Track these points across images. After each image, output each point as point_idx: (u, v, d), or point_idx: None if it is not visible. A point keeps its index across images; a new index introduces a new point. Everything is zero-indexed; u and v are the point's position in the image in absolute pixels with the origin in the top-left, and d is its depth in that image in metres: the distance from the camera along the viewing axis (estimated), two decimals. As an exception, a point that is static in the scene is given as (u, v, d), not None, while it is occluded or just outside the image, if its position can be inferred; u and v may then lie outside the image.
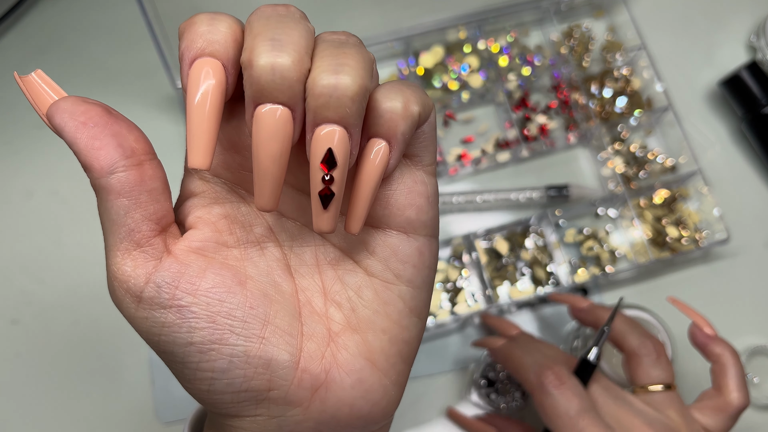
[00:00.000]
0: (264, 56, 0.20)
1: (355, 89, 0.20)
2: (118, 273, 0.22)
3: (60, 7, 0.61)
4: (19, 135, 0.58)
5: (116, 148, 0.21)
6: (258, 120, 0.21)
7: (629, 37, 0.59)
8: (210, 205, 0.24)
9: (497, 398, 0.50)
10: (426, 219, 0.24)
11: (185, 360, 0.22)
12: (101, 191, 0.22)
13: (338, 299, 0.24)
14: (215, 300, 0.22)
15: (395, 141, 0.22)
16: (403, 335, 0.24)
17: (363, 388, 0.24)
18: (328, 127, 0.21)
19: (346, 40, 0.22)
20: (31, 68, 0.63)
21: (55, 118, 0.21)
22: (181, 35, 0.21)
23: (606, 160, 0.56)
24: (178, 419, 0.51)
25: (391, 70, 0.59)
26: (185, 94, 0.21)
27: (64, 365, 0.52)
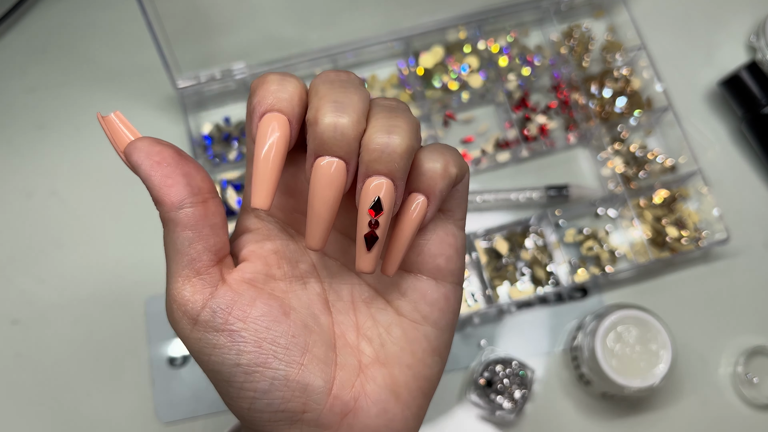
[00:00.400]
0: (328, 116, 0.23)
1: (404, 148, 0.23)
2: (177, 297, 0.25)
3: (61, 7, 0.61)
4: (19, 135, 0.58)
5: (185, 187, 0.24)
6: (317, 170, 0.23)
7: (629, 37, 0.59)
8: (262, 241, 0.27)
9: (496, 398, 0.50)
10: (454, 268, 0.27)
11: (231, 379, 0.24)
12: (169, 223, 0.24)
13: (369, 335, 0.27)
14: (263, 327, 0.25)
15: (433, 197, 0.25)
16: (425, 372, 0.27)
17: (386, 417, 0.26)
18: (378, 179, 0.23)
19: (397, 105, 0.25)
20: (31, 68, 0.63)
21: (132, 156, 0.24)
22: (253, 91, 0.24)
23: (606, 160, 0.56)
24: (178, 419, 0.51)
25: (391, 70, 0.59)
26: (254, 143, 0.24)
27: (65, 365, 0.52)
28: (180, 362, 0.52)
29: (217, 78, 0.56)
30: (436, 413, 0.51)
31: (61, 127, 0.58)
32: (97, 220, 0.55)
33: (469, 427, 0.51)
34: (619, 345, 0.47)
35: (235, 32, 0.54)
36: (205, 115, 0.58)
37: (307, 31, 0.56)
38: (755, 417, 0.51)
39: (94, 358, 0.52)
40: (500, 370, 0.50)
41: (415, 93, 0.58)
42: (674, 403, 0.51)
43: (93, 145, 0.57)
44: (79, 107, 0.58)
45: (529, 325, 0.53)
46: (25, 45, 0.60)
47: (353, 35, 0.57)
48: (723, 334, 0.53)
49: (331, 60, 0.57)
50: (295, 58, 0.56)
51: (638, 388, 0.46)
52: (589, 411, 0.51)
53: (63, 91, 0.59)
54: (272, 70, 0.56)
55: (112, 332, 0.53)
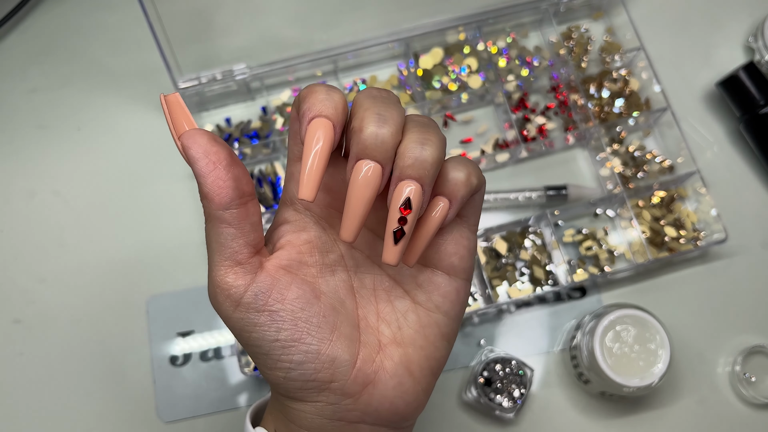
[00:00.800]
0: (372, 126, 0.26)
1: (434, 159, 0.27)
2: (221, 282, 0.28)
3: (62, 8, 0.61)
4: (21, 135, 0.58)
5: (234, 190, 0.27)
6: (357, 171, 0.26)
7: (628, 39, 0.60)
8: (298, 232, 0.30)
9: (496, 397, 0.50)
10: (465, 266, 0.31)
11: (270, 352, 0.28)
12: (215, 220, 0.27)
13: (388, 319, 0.31)
14: (298, 308, 0.28)
15: (455, 201, 0.28)
16: (435, 354, 0.31)
17: (401, 390, 0.30)
18: (409, 183, 0.27)
19: (429, 122, 0.28)
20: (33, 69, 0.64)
21: (190, 150, 0.26)
22: (302, 99, 0.27)
23: (604, 161, 0.56)
24: (179, 418, 0.51)
25: (391, 71, 0.60)
26: (303, 143, 0.27)
27: (66, 364, 0.52)
28: (181, 361, 0.52)
29: (218, 79, 0.56)
30: (436, 413, 0.51)
31: (63, 127, 0.58)
32: (98, 220, 0.56)
33: (468, 426, 0.51)
34: (618, 344, 0.48)
35: (235, 33, 0.55)
36: (206, 116, 0.58)
37: (307, 33, 0.56)
38: (753, 416, 0.52)
39: (95, 358, 0.52)
40: (499, 369, 0.50)
41: (415, 94, 0.58)
42: (672, 402, 0.52)
43: (94, 145, 0.58)
44: (80, 108, 0.59)
45: (528, 324, 0.53)
46: (27, 46, 0.60)
47: (353, 36, 0.57)
48: (721, 333, 0.54)
49: (332, 61, 0.58)
50: (296, 59, 0.56)
51: (637, 387, 0.47)
52: (588, 410, 0.52)
53: (64, 91, 0.59)
54: (273, 71, 0.57)
55: (114, 331, 0.53)
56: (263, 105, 0.59)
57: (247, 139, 0.57)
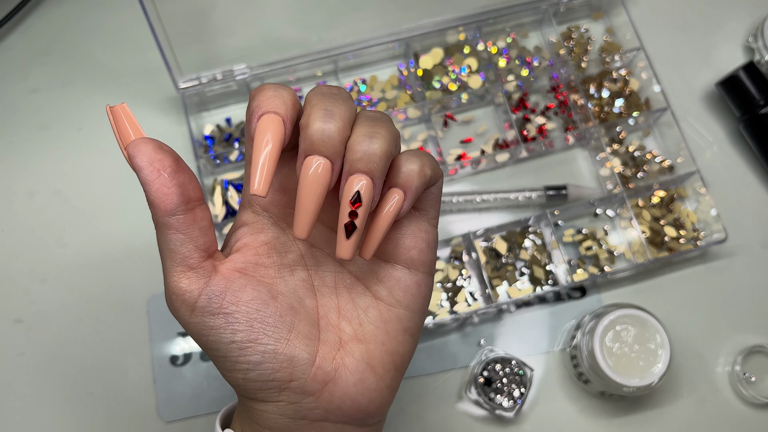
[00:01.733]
0: (318, 122, 0.26)
1: (383, 151, 0.27)
2: (175, 288, 0.28)
3: (63, 8, 0.61)
4: (22, 135, 0.58)
5: (179, 196, 0.27)
6: (305, 167, 0.27)
7: (627, 39, 0.60)
8: (256, 234, 0.30)
9: (496, 397, 0.50)
10: (425, 259, 0.31)
11: (227, 354, 0.28)
12: (162, 227, 0.27)
13: (349, 315, 0.31)
14: (253, 309, 0.28)
15: (409, 192, 0.28)
16: (398, 349, 0.31)
17: (363, 387, 0.30)
18: (359, 177, 0.27)
19: (381, 116, 0.28)
20: (34, 69, 0.64)
21: (135, 159, 0.26)
22: (252, 97, 0.27)
23: (604, 161, 0.57)
24: (179, 418, 0.51)
25: (391, 71, 0.60)
26: (252, 140, 0.27)
27: (67, 364, 0.52)
28: (182, 361, 0.52)
29: (219, 79, 0.56)
30: (436, 412, 0.51)
31: (64, 127, 0.58)
32: (99, 220, 0.56)
33: (468, 425, 0.51)
34: (618, 344, 0.48)
35: (236, 34, 0.55)
36: (206, 116, 0.59)
37: (307, 33, 0.57)
38: (753, 416, 0.52)
39: (96, 357, 0.52)
40: (499, 369, 0.50)
41: (415, 94, 0.58)
42: (672, 401, 0.52)
43: (95, 145, 0.58)
44: (81, 108, 0.59)
45: (528, 324, 0.54)
46: (28, 46, 0.60)
47: (353, 37, 0.57)
48: (721, 333, 0.54)
49: (332, 61, 0.58)
50: (296, 60, 0.57)
51: (636, 387, 0.47)
52: (588, 410, 0.52)
53: (66, 92, 0.59)
54: (273, 71, 0.57)
55: (114, 331, 0.53)
56: (263, 105, 0.59)
57: (248, 139, 0.57)
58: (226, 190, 0.56)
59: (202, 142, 0.57)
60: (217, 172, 0.57)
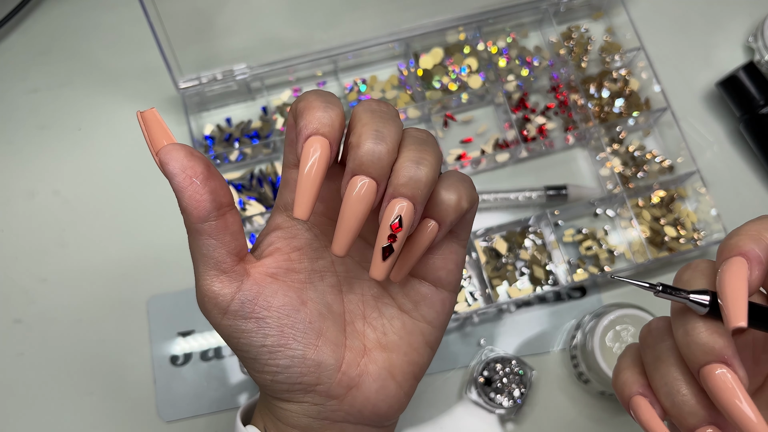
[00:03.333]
0: (369, 143, 0.26)
1: (428, 179, 0.27)
2: (208, 291, 0.28)
3: (63, 8, 0.61)
4: (21, 135, 0.58)
5: (212, 203, 0.27)
6: (351, 186, 0.27)
7: (628, 39, 0.60)
8: (289, 239, 0.31)
9: (496, 397, 0.50)
10: (453, 279, 0.32)
11: (257, 357, 0.29)
12: (195, 232, 0.28)
13: (374, 324, 0.32)
14: (284, 314, 0.29)
15: (444, 225, 0.29)
16: (418, 360, 0.32)
17: (384, 393, 0.31)
18: (402, 201, 0.27)
19: (427, 138, 0.28)
20: (33, 69, 0.64)
21: (167, 165, 0.26)
22: (300, 113, 0.27)
23: (604, 161, 0.57)
24: (180, 418, 0.51)
25: (391, 71, 0.60)
26: (300, 161, 0.27)
27: (67, 364, 0.52)
28: (182, 361, 0.52)
29: (219, 79, 0.56)
30: (437, 412, 0.51)
31: (64, 127, 0.58)
32: (99, 220, 0.56)
33: (468, 425, 0.51)
34: (618, 344, 0.48)
35: (236, 34, 0.55)
36: (206, 116, 0.59)
37: (307, 33, 0.57)
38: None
39: (96, 357, 0.52)
40: (499, 368, 0.50)
41: (415, 94, 0.58)
42: (672, 401, 0.52)
43: (95, 145, 0.58)
44: (81, 108, 0.59)
45: (528, 324, 0.54)
46: (28, 46, 0.60)
47: (354, 36, 0.57)
48: (721, 333, 0.54)
49: (332, 61, 0.58)
50: (296, 60, 0.57)
51: (636, 387, 0.47)
52: (588, 409, 0.52)
53: (65, 91, 0.59)
54: (273, 71, 0.57)
55: (114, 331, 0.53)
56: (264, 105, 0.59)
57: (248, 139, 0.57)
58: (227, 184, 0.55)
59: (202, 142, 0.57)
60: (217, 172, 0.57)
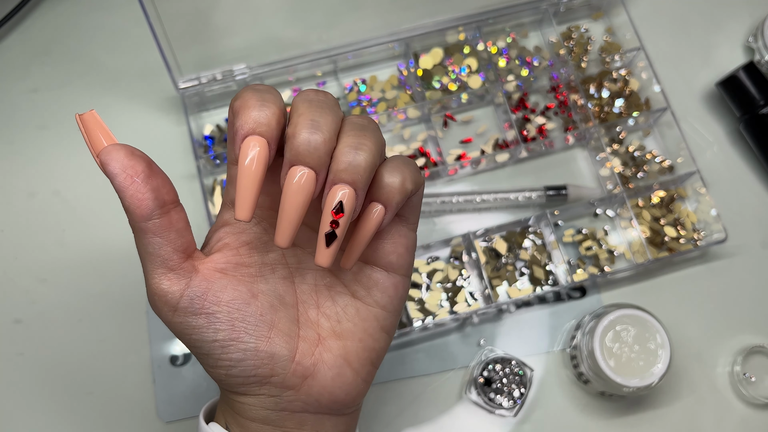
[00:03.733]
0: (304, 133, 0.26)
1: (367, 164, 0.27)
2: (157, 290, 0.29)
3: (62, 8, 0.61)
4: (21, 135, 0.58)
5: (154, 201, 0.27)
6: (290, 177, 0.27)
7: (627, 39, 0.60)
8: (238, 234, 0.31)
9: (496, 397, 0.50)
10: (404, 263, 0.32)
11: (210, 352, 0.29)
12: (140, 231, 0.28)
13: (328, 312, 0.32)
14: (234, 309, 0.29)
15: (390, 207, 0.29)
16: (374, 345, 0.32)
17: (341, 381, 0.31)
18: (343, 187, 0.27)
19: (368, 124, 0.28)
20: (33, 69, 0.63)
21: (108, 166, 0.26)
22: (235, 113, 0.27)
23: (604, 161, 0.56)
24: (179, 418, 0.51)
25: (391, 71, 0.60)
26: (238, 163, 0.27)
27: (66, 364, 0.52)
28: (181, 361, 0.52)
29: (218, 79, 0.56)
30: (436, 412, 0.51)
31: (63, 127, 0.58)
32: (98, 220, 0.56)
33: (468, 426, 0.51)
34: (618, 344, 0.48)
35: (236, 34, 0.55)
36: (206, 116, 0.59)
37: (307, 33, 0.57)
38: (753, 416, 0.52)
39: (95, 357, 0.52)
40: (499, 369, 0.50)
41: (415, 94, 0.58)
42: (672, 402, 0.52)
43: (95, 145, 0.58)
44: (81, 108, 0.58)
45: (528, 324, 0.54)
46: (28, 46, 0.60)
47: (353, 36, 0.57)
48: (721, 333, 0.54)
49: (331, 61, 0.58)
50: (296, 60, 0.57)
51: (636, 388, 0.47)
52: (588, 410, 0.52)
53: (65, 91, 0.59)
54: (273, 71, 0.57)
55: (114, 331, 0.53)
56: (263, 105, 0.59)
57: (247, 139, 0.57)
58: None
59: (201, 142, 0.57)
60: (216, 172, 0.57)
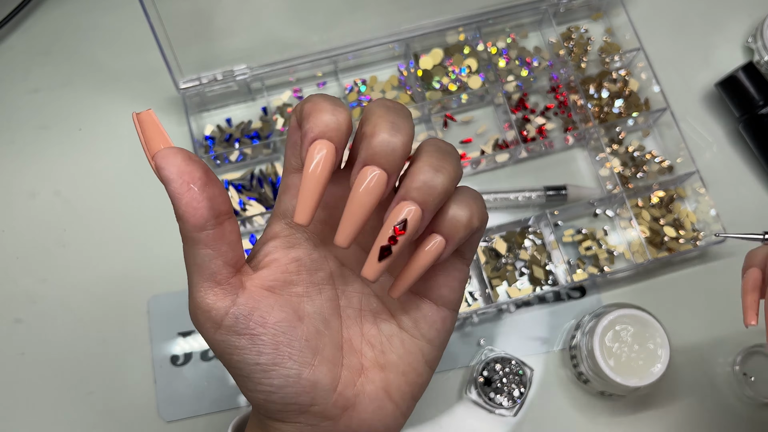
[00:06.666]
0: (384, 133, 0.25)
1: (443, 189, 0.26)
2: (202, 304, 0.27)
3: (63, 9, 0.61)
4: (22, 135, 0.58)
5: (209, 210, 0.25)
6: (362, 176, 0.26)
7: (627, 39, 0.60)
8: (287, 249, 0.29)
9: (495, 397, 0.50)
10: (455, 298, 0.30)
11: (250, 375, 0.28)
12: (191, 241, 0.26)
13: (372, 341, 0.30)
14: (280, 332, 0.28)
15: (451, 241, 0.27)
16: (416, 379, 0.31)
17: (381, 414, 0.30)
18: (411, 205, 0.26)
19: (451, 151, 0.28)
20: (34, 69, 0.64)
21: (164, 170, 0.25)
22: (306, 115, 0.26)
23: (604, 161, 0.57)
24: (180, 418, 0.51)
25: (391, 72, 0.60)
26: (303, 165, 0.26)
27: (68, 364, 0.52)
28: (182, 361, 0.52)
29: (219, 79, 0.56)
30: (436, 412, 0.51)
31: (64, 127, 0.58)
32: (99, 220, 0.56)
33: (468, 425, 0.51)
34: (617, 344, 0.48)
35: (236, 34, 0.55)
36: (206, 116, 0.59)
37: (308, 33, 0.57)
38: (753, 416, 0.52)
39: (96, 357, 0.52)
40: (499, 368, 0.50)
41: (415, 94, 0.58)
42: (672, 401, 0.52)
43: (96, 145, 0.58)
44: (82, 108, 0.59)
45: (528, 324, 0.54)
46: (29, 46, 0.60)
47: (354, 37, 0.57)
48: (720, 333, 0.54)
49: (332, 62, 0.58)
50: (296, 60, 0.57)
51: (636, 387, 0.47)
52: (588, 409, 0.52)
53: (66, 92, 0.59)
54: (274, 71, 0.57)
55: (115, 331, 0.53)
56: (264, 105, 0.59)
57: (248, 140, 0.57)
58: (226, 191, 0.56)
59: (202, 142, 0.57)
60: (217, 172, 0.57)
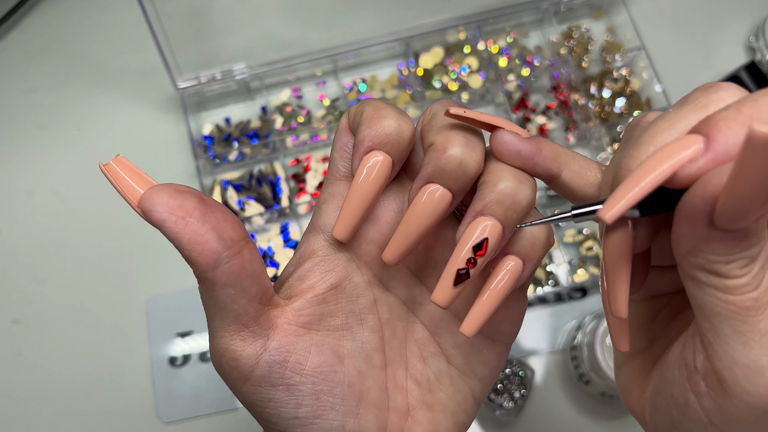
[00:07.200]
0: (457, 149, 0.22)
1: (528, 201, 0.22)
2: (227, 352, 0.23)
3: (61, 8, 0.61)
4: (20, 135, 0.58)
5: (218, 241, 0.21)
6: (424, 194, 0.22)
7: (628, 38, 0.59)
8: (326, 271, 0.25)
9: (496, 398, 0.50)
10: (513, 332, 0.27)
11: (287, 430, 0.24)
12: (206, 282, 0.22)
13: (418, 377, 0.27)
14: (320, 379, 0.24)
15: (530, 263, 0.23)
16: (465, 420, 0.27)
17: None
18: (491, 221, 0.22)
19: None
20: (32, 69, 0.63)
21: (152, 214, 0.21)
22: (365, 120, 0.23)
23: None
24: (179, 419, 0.51)
25: (391, 71, 0.60)
26: (354, 174, 0.23)
27: (66, 365, 0.52)
28: (181, 362, 0.52)
29: (218, 78, 0.56)
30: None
31: (63, 127, 0.58)
32: (98, 220, 0.56)
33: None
34: (619, 344, 0.48)
35: (235, 33, 0.55)
36: (205, 116, 0.58)
37: (307, 32, 0.56)
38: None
39: (94, 358, 0.52)
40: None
41: (415, 93, 0.58)
42: (673, 402, 0.52)
43: (94, 145, 0.58)
44: (80, 107, 0.59)
45: (529, 324, 0.53)
46: (27, 45, 0.60)
47: (353, 36, 0.57)
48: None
49: (332, 61, 0.57)
50: (296, 59, 0.56)
51: (637, 388, 0.47)
52: (589, 410, 0.51)
53: (64, 91, 0.59)
54: (273, 71, 0.57)
55: (113, 332, 0.53)
56: (263, 104, 0.58)
57: (247, 139, 0.57)
58: (225, 190, 0.55)
59: (201, 142, 0.57)
60: (216, 172, 0.56)
